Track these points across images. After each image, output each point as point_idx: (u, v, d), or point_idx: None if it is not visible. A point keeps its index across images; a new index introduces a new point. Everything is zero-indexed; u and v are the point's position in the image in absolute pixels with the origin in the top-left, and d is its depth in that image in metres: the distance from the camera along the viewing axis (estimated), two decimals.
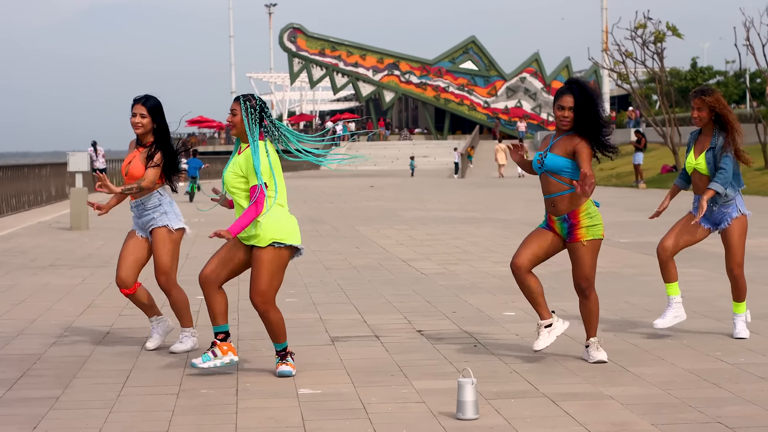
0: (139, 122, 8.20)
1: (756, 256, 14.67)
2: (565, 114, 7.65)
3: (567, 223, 7.70)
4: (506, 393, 6.76)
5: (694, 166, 8.56)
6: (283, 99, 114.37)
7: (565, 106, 7.65)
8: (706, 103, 8.43)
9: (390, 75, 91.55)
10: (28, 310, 10.64)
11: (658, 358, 7.84)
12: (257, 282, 7.28)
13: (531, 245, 7.79)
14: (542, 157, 7.73)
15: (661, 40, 44.25)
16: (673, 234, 8.59)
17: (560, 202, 7.69)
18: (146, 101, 8.23)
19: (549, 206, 7.79)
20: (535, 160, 7.80)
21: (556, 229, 7.77)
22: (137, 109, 8.22)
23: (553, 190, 7.71)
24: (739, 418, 6.07)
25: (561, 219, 7.70)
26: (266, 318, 7.37)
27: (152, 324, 8.49)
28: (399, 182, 49.94)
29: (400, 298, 11.07)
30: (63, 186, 34.45)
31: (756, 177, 35.17)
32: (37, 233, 21.10)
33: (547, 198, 7.77)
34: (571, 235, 7.72)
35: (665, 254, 8.58)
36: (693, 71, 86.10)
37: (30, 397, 6.87)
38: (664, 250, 8.58)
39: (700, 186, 8.56)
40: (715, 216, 8.56)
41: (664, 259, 8.60)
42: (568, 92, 7.65)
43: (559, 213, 7.70)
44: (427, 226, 21.27)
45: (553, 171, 7.66)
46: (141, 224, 8.34)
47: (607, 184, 42.91)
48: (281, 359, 7.43)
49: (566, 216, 7.69)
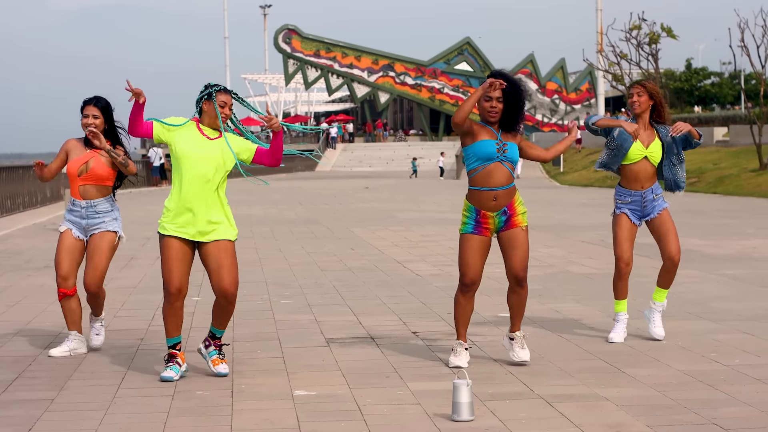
0: (92, 123, 8.20)
1: (750, 257, 14.69)
2: (494, 105, 7.55)
3: (505, 216, 7.59)
4: (501, 394, 6.77)
5: (645, 154, 8.48)
6: (278, 100, 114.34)
7: (492, 97, 7.55)
8: (647, 89, 8.47)
9: (385, 76, 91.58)
10: (23, 311, 10.63)
11: (653, 359, 7.84)
12: (232, 271, 7.32)
13: (478, 259, 7.66)
14: (503, 145, 7.54)
15: (656, 41, 44.34)
16: (629, 244, 8.53)
17: (505, 195, 7.54)
18: (97, 102, 8.27)
19: (488, 201, 7.54)
20: (492, 147, 7.50)
21: (490, 225, 7.60)
22: (89, 110, 8.21)
23: (503, 182, 7.51)
24: (735, 419, 6.08)
25: (500, 213, 7.58)
26: (231, 308, 7.41)
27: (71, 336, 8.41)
28: (394, 183, 49.94)
29: (396, 300, 11.07)
30: (58, 187, 34.39)
31: (751, 178, 35.21)
32: (32, 235, 21.07)
33: (490, 191, 7.52)
34: (507, 223, 7.59)
35: (629, 268, 8.56)
36: (688, 72, 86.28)
37: (25, 399, 6.87)
38: (628, 264, 8.55)
39: (640, 177, 8.46)
40: (647, 209, 8.53)
41: (627, 272, 8.58)
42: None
43: (499, 207, 7.56)
44: (422, 228, 21.27)
45: (511, 161, 7.56)
46: (84, 225, 8.27)
47: (602, 186, 42.93)
48: (219, 352, 7.47)
49: (505, 209, 7.58)
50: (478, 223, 7.63)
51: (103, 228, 8.25)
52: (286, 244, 18.09)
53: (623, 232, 8.53)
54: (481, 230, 7.63)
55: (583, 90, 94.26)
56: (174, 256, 7.29)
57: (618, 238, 8.54)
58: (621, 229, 8.54)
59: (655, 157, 8.47)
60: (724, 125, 51.24)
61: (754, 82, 71.59)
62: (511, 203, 7.59)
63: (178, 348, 7.45)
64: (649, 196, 8.50)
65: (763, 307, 10.12)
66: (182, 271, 7.30)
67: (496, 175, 7.52)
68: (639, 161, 8.47)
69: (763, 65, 39.98)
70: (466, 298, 7.71)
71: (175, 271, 7.28)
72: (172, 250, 7.29)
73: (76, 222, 8.31)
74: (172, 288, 7.28)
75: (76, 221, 8.31)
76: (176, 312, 7.36)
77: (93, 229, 8.28)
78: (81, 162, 8.22)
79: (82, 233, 8.32)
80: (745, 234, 18.54)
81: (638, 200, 8.50)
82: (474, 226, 7.64)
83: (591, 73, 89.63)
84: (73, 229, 8.32)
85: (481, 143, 7.52)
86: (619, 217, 8.57)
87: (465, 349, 7.70)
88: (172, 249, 7.30)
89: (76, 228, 8.31)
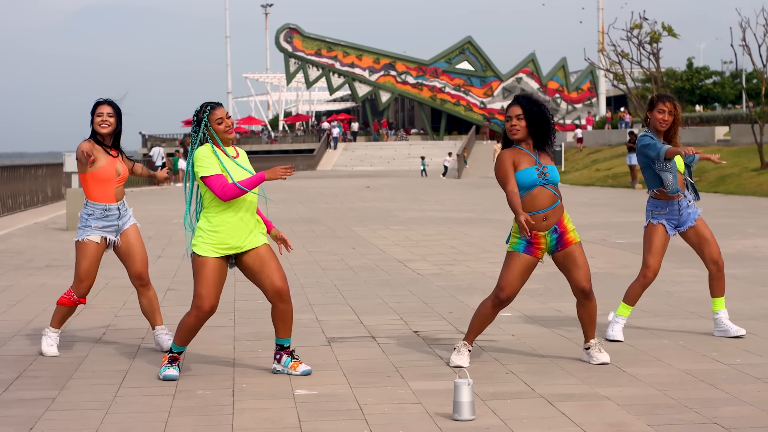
0: (107, 120, 8.34)
1: (752, 256, 14.69)
2: (513, 123, 7.60)
3: (556, 234, 7.59)
4: (502, 394, 6.77)
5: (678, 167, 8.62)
6: (280, 99, 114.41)
7: (512, 116, 7.62)
8: (676, 108, 8.58)
9: (386, 75, 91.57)
10: (25, 310, 10.63)
11: (655, 358, 7.84)
12: (280, 272, 7.38)
13: (521, 278, 7.59)
14: (543, 169, 7.59)
15: (657, 40, 44.31)
16: (661, 255, 8.59)
17: (553, 214, 7.56)
18: (111, 103, 8.42)
19: (538, 222, 7.54)
20: (533, 174, 7.55)
21: (542, 245, 7.57)
22: (104, 109, 8.36)
23: (549, 203, 7.55)
24: (736, 418, 6.08)
25: (551, 231, 7.57)
26: (290, 307, 7.44)
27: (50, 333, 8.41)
28: (395, 183, 49.94)
29: (397, 299, 11.08)
30: (59, 187, 34.42)
31: (752, 177, 35.19)
32: (33, 234, 21.08)
33: (539, 213, 7.54)
34: (562, 242, 7.59)
35: (654, 279, 8.66)
36: (689, 71, 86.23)
37: (26, 398, 6.87)
38: (656, 275, 8.63)
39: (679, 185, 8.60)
40: (682, 217, 8.58)
41: (651, 282, 8.67)
42: (515, 103, 7.64)
43: (549, 226, 7.56)
44: (423, 227, 21.27)
45: (554, 182, 7.61)
46: (120, 226, 8.34)
47: (603, 185, 42.93)
48: (293, 357, 7.47)
49: (556, 227, 7.59)
50: (530, 243, 7.58)
51: (130, 222, 8.46)
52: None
53: (659, 242, 8.59)
54: (532, 250, 7.58)
55: (585, 89, 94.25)
56: (205, 275, 7.38)
57: (653, 247, 8.58)
58: (657, 239, 8.59)
59: (679, 164, 8.60)
60: (725, 124, 51.20)
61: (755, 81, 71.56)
62: (561, 220, 7.60)
63: (182, 355, 7.55)
64: (683, 203, 8.56)
65: (764, 306, 10.12)
66: (213, 289, 7.38)
67: (540, 198, 7.55)
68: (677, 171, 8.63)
69: (765, 64, 39.95)
70: (495, 312, 7.69)
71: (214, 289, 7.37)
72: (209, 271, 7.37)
73: (112, 226, 8.36)
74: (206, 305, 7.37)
75: (111, 225, 8.36)
76: (200, 327, 7.45)
77: (125, 226, 8.42)
78: (113, 167, 8.36)
79: (114, 235, 8.38)
80: (746, 233, 18.53)
81: (675, 209, 8.55)
82: (525, 246, 7.58)
83: (592, 72, 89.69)
84: (108, 235, 8.34)
85: (522, 172, 7.54)
86: (656, 227, 8.60)
87: (468, 350, 7.71)
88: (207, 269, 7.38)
89: (111, 233, 8.36)
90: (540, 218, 7.55)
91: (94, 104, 8.41)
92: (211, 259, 7.29)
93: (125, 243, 8.38)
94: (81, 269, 8.28)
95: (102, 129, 8.31)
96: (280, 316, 7.43)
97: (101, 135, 8.34)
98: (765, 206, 26.99)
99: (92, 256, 8.29)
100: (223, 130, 7.39)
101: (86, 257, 8.28)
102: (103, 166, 8.29)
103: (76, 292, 8.29)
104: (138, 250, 8.39)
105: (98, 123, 8.33)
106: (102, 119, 8.32)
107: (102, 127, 8.31)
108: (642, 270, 8.60)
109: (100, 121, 8.33)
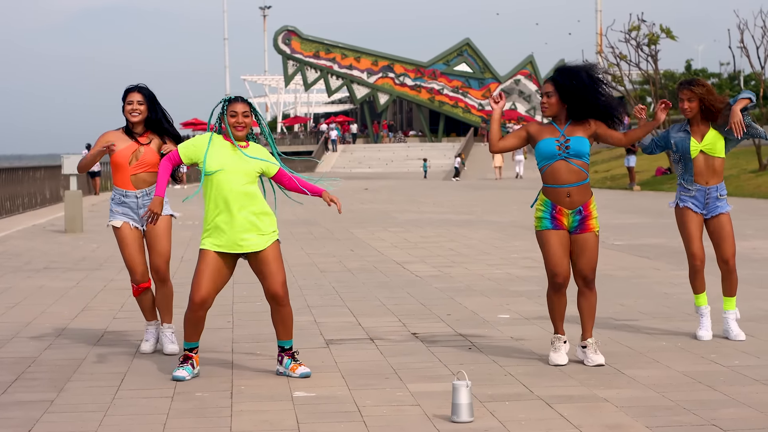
0: (137, 109, 8.23)
1: (750, 258, 14.69)
2: (543, 101, 7.63)
3: (580, 216, 7.55)
4: (501, 396, 6.77)
5: (701, 148, 8.43)
6: (278, 101, 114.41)
7: (543, 93, 7.64)
8: (696, 94, 8.43)
9: (384, 77, 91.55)
10: (23, 313, 10.63)
11: (653, 360, 7.84)
12: (279, 275, 7.38)
13: (565, 253, 7.53)
14: (564, 141, 7.52)
15: (655, 42, 44.28)
16: (700, 239, 8.50)
17: (578, 192, 7.49)
18: (141, 89, 8.30)
19: (563, 198, 7.50)
20: (553, 146, 7.50)
21: (565, 222, 7.54)
22: (133, 97, 8.25)
23: (573, 179, 7.48)
24: (734, 420, 6.08)
25: (575, 212, 7.52)
26: (287, 310, 7.44)
27: (150, 328, 8.47)
28: (393, 185, 49.94)
29: (395, 301, 11.07)
30: (57, 189, 34.41)
31: (750, 179, 35.22)
32: (31, 236, 21.07)
33: (562, 188, 7.49)
34: (582, 226, 7.54)
35: (703, 264, 8.55)
36: (687, 73, 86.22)
37: (25, 401, 6.87)
38: (702, 261, 8.54)
39: (704, 172, 8.45)
40: (709, 206, 8.53)
41: (700, 268, 8.56)
42: (548, 80, 7.66)
43: (574, 205, 7.51)
44: (421, 229, 21.27)
45: (578, 155, 7.51)
46: (141, 214, 8.29)
47: (602, 186, 42.95)
48: (293, 359, 7.45)
49: (581, 208, 7.53)
50: (554, 218, 7.56)
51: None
52: (285, 245, 17.99)
53: (693, 227, 8.50)
54: (558, 224, 7.56)
55: None
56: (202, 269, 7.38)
57: (689, 233, 8.50)
58: (690, 223, 8.50)
59: (712, 149, 8.44)
60: None
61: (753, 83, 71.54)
62: (587, 204, 7.56)
63: (195, 351, 7.48)
64: (713, 194, 8.49)
65: (762, 308, 10.12)
66: (206, 283, 7.37)
67: (562, 172, 7.50)
68: (697, 156, 8.46)
69: (763, 66, 39.99)
70: (559, 295, 7.63)
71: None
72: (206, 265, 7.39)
73: (131, 213, 8.31)
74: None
75: (130, 212, 8.31)
76: (201, 322, 7.43)
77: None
78: (130, 152, 8.24)
79: (137, 223, 8.32)
80: (744, 235, 18.52)
81: (702, 194, 8.48)
82: (551, 220, 7.56)
83: None
84: (129, 221, 8.31)
85: (541, 143, 7.56)
86: (683, 211, 8.52)
87: (563, 343, 7.66)
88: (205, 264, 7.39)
89: (132, 219, 8.32)
90: (563, 193, 7.50)
91: (124, 91, 8.31)
92: (210, 253, 7.33)
93: (149, 234, 8.32)
94: (123, 258, 8.34)
95: (133, 117, 8.23)
96: (278, 318, 7.44)
97: (132, 123, 8.27)
98: (763, 208, 27.00)
99: (126, 241, 8.28)
100: (231, 123, 7.39)
101: (122, 244, 8.31)
102: (119, 151, 8.23)
103: (132, 281, 8.33)
104: (160, 244, 8.29)
105: (128, 111, 8.24)
106: (132, 107, 8.22)
107: (132, 115, 8.22)
108: (688, 259, 8.57)
109: (130, 110, 8.23)
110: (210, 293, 7.31)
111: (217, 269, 7.33)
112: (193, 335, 7.44)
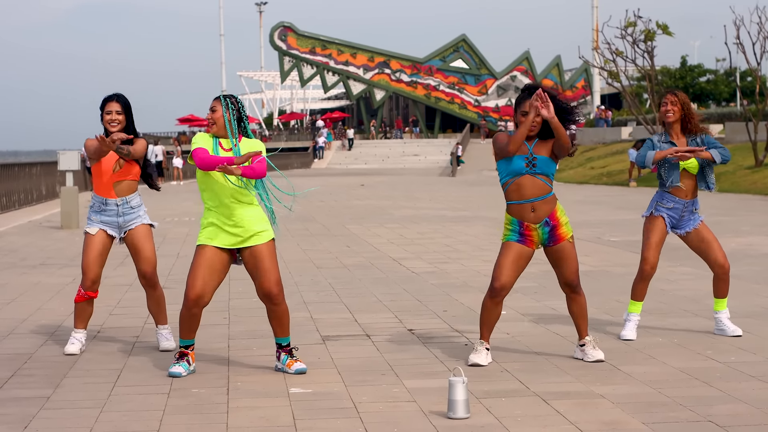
0: (116, 119, 8.22)
1: (746, 254, 14.70)
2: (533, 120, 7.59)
3: (548, 227, 7.55)
4: (497, 392, 6.77)
5: (684, 166, 8.52)
6: (274, 97, 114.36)
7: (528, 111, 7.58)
8: (679, 99, 8.50)
9: (380, 73, 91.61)
10: (19, 309, 10.62)
11: (649, 356, 7.85)
12: (273, 273, 7.36)
13: (514, 267, 7.54)
14: (532, 159, 7.51)
15: (651, 38, 44.26)
16: (658, 249, 8.53)
17: (542, 205, 7.50)
18: (119, 98, 8.29)
19: (527, 213, 7.50)
20: (521, 163, 7.49)
21: (534, 237, 7.55)
22: (112, 106, 8.23)
23: (537, 192, 7.49)
24: (730, 416, 6.09)
25: (542, 224, 7.53)
26: (282, 309, 7.42)
27: (78, 335, 8.39)
28: (389, 180, 49.93)
29: (391, 297, 11.08)
30: (53, 185, 34.38)
31: (746, 175, 35.22)
32: (27, 232, 21.06)
33: (526, 203, 7.51)
34: (554, 237, 7.55)
35: (653, 271, 8.57)
36: (683, 69, 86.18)
37: (21, 397, 6.86)
38: (654, 268, 8.55)
39: (682, 189, 8.51)
40: (683, 220, 8.55)
41: (651, 275, 8.57)
42: (527, 97, 7.63)
43: (540, 218, 7.51)
44: (417, 225, 21.27)
45: (545, 173, 7.54)
46: (121, 223, 8.28)
47: (598, 183, 42.96)
48: (290, 356, 7.45)
49: (547, 219, 7.54)
50: (522, 234, 7.56)
51: (139, 221, 8.33)
52: (281, 241, 18.06)
53: (657, 235, 8.52)
54: (525, 241, 7.56)
55: (579, 87, 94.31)
56: (198, 265, 7.39)
57: (650, 240, 8.52)
58: (655, 231, 8.53)
59: (691, 167, 8.51)
60: (719, 122, 51.23)
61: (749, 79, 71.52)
62: (553, 213, 7.54)
63: (191, 349, 7.49)
64: (689, 207, 8.52)
65: (758, 304, 10.13)
66: (201, 278, 7.37)
67: (527, 187, 7.49)
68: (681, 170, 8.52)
69: (759, 62, 39.99)
70: (494, 303, 7.63)
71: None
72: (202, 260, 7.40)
73: (111, 221, 8.30)
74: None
75: (110, 220, 8.30)
76: (196, 318, 7.43)
77: (129, 225, 8.32)
78: (114, 159, 8.23)
79: (116, 231, 8.32)
80: (740, 231, 18.54)
81: (679, 208, 8.50)
82: (518, 237, 7.57)
83: (587, 70, 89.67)
84: (107, 229, 8.30)
85: (511, 158, 7.52)
86: (655, 219, 8.53)
87: (486, 349, 7.67)
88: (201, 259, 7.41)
89: (111, 227, 8.31)
90: (528, 208, 7.51)
91: (102, 101, 8.29)
92: (206, 248, 7.34)
93: (131, 243, 8.32)
94: (82, 262, 8.30)
95: (112, 127, 8.20)
96: (272, 316, 7.45)
97: (110, 132, 8.25)
98: (759, 204, 27.02)
99: (91, 248, 8.26)
100: (107, 120, 7.79)
101: (86, 249, 8.28)
102: (103, 159, 8.22)
103: (83, 286, 8.29)
104: (144, 251, 8.29)
105: (107, 121, 8.22)
106: (111, 118, 8.20)
107: (112, 125, 8.20)
108: (640, 263, 8.59)
109: (109, 120, 8.21)
110: (205, 290, 7.30)
111: (212, 265, 7.32)
112: (189, 333, 7.44)
